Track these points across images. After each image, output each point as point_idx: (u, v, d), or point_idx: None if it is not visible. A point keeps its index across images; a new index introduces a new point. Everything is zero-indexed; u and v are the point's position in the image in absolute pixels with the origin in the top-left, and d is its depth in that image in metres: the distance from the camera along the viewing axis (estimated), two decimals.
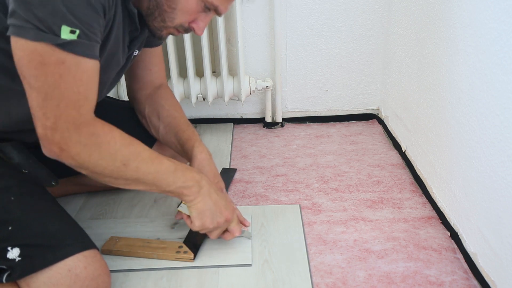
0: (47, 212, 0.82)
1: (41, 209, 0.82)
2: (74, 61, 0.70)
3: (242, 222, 1.03)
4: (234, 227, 0.94)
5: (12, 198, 0.80)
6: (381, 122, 1.62)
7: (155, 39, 1.06)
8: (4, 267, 0.76)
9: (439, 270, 0.93)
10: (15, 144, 0.83)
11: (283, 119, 1.66)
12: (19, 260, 0.75)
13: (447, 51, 1.03)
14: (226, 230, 0.95)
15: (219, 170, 1.33)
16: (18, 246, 0.76)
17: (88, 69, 0.72)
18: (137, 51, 0.98)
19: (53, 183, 0.88)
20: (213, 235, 0.93)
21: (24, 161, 0.83)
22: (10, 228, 0.77)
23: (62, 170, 0.90)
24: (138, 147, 0.81)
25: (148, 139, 1.14)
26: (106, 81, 0.90)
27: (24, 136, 0.87)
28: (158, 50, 1.08)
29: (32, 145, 0.86)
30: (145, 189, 0.83)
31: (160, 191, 0.84)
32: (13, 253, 0.75)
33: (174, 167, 0.84)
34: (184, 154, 1.04)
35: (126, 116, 1.14)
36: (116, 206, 1.16)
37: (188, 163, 1.02)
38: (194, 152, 1.00)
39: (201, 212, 0.88)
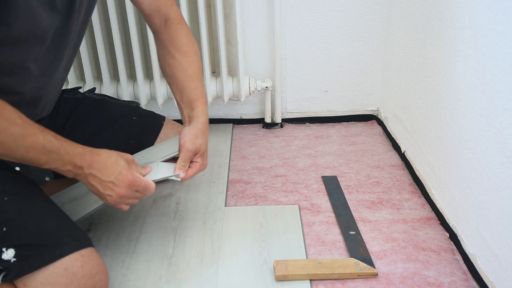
0: (42, 211, 0.81)
1: (36, 208, 0.81)
2: None
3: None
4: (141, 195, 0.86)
5: (6, 198, 0.78)
6: (380, 123, 1.62)
7: None
8: (0, 267, 0.75)
9: (438, 271, 0.93)
10: None
11: (283, 120, 1.66)
12: (14, 261, 0.74)
13: (446, 52, 1.03)
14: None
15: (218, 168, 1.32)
16: (12, 247, 0.75)
17: None
18: None
19: (46, 179, 0.85)
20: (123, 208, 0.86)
21: None
22: (4, 229, 0.76)
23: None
24: (9, 117, 0.69)
25: (151, 133, 1.11)
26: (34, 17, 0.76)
27: None
28: None
29: None
30: (19, 162, 0.74)
31: (38, 166, 0.75)
32: (8, 254, 0.74)
33: (49, 147, 0.73)
34: (183, 114, 0.98)
35: (126, 116, 1.13)
36: None
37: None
38: (194, 121, 0.94)
39: (94, 194, 0.83)
